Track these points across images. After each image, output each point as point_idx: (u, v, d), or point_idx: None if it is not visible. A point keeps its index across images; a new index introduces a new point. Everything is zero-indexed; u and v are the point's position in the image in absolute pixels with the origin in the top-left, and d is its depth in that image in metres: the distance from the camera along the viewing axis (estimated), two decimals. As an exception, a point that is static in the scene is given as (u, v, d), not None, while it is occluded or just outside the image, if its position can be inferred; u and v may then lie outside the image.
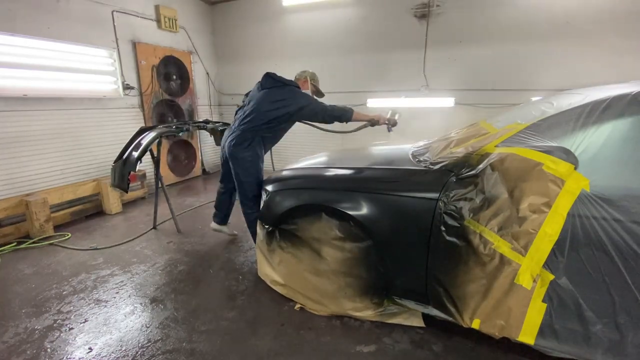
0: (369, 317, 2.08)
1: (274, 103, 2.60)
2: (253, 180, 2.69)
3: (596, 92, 1.78)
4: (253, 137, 2.65)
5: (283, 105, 2.59)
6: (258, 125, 2.63)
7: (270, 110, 2.60)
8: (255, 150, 2.68)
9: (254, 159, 2.68)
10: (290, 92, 2.68)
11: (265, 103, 2.62)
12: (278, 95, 2.63)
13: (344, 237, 2.07)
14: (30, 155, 3.65)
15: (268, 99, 2.63)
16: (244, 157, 2.65)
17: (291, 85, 2.76)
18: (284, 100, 2.60)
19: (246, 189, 2.70)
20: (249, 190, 2.70)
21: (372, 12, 5.02)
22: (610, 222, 1.39)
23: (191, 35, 5.67)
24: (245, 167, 2.65)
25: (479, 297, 1.65)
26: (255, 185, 2.69)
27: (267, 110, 2.60)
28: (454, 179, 1.78)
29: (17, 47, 3.44)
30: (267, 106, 2.61)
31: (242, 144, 2.64)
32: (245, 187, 2.70)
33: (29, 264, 2.93)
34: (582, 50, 4.09)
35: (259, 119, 2.62)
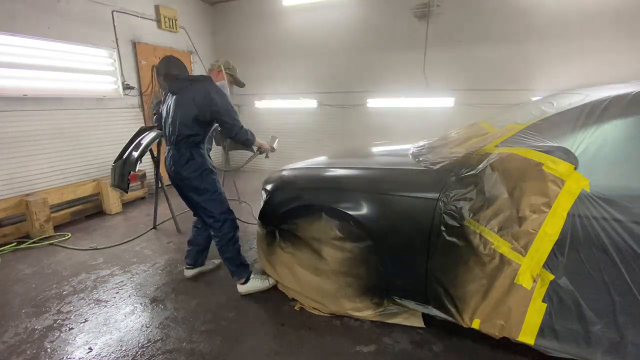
0: (369, 317, 2.08)
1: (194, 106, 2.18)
2: (211, 196, 2.29)
3: (596, 92, 1.78)
4: (189, 149, 2.24)
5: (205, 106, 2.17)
6: (188, 135, 2.21)
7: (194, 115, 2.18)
8: (197, 162, 2.25)
9: (201, 173, 2.26)
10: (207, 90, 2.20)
11: (185, 109, 2.20)
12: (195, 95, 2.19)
13: (344, 237, 2.07)
14: (30, 155, 3.65)
15: (185, 102, 2.20)
16: (188, 175, 2.24)
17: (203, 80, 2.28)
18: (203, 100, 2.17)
19: (207, 209, 2.30)
20: (212, 207, 2.29)
21: (372, 12, 5.02)
22: (610, 222, 1.39)
23: (191, 35, 5.67)
24: (196, 185, 2.26)
25: (479, 297, 1.65)
26: (216, 198, 2.30)
27: (190, 116, 2.18)
28: (454, 179, 1.78)
29: (17, 47, 3.44)
30: (188, 111, 2.18)
31: (181, 162, 2.23)
32: (205, 207, 2.29)
33: (29, 264, 2.93)
34: (582, 50, 4.09)
35: (186, 129, 2.19)
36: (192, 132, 2.20)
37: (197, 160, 2.25)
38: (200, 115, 2.17)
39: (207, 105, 2.15)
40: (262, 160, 2.78)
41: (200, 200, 2.29)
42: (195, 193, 2.28)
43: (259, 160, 2.70)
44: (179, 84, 2.26)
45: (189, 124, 2.19)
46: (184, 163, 2.23)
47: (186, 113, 2.19)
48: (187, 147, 2.23)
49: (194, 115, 2.17)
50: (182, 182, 2.28)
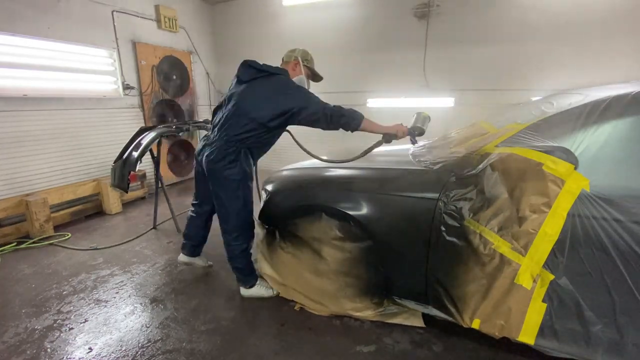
0: (369, 317, 2.08)
1: (260, 102, 2.02)
2: (240, 206, 2.15)
3: (596, 92, 1.78)
4: (238, 149, 2.07)
5: (274, 105, 2.00)
6: (242, 132, 2.04)
7: (257, 112, 2.01)
8: (242, 166, 2.09)
9: (242, 179, 2.11)
10: (282, 86, 2.05)
11: (249, 102, 2.04)
12: (265, 90, 2.04)
13: (344, 237, 2.07)
14: (30, 155, 3.65)
15: (252, 96, 2.05)
16: (228, 176, 2.07)
17: (279, 74, 2.12)
18: (274, 97, 2.01)
19: (230, 216, 2.16)
20: (235, 217, 2.16)
21: (372, 12, 5.02)
22: (610, 222, 1.39)
23: (191, 35, 5.67)
24: (231, 188, 2.10)
25: (479, 297, 1.65)
26: (243, 211, 2.18)
27: (252, 111, 2.02)
28: (454, 179, 1.78)
29: (17, 47, 3.44)
30: (251, 106, 2.03)
31: (225, 159, 2.05)
32: (229, 213, 2.16)
33: (29, 264, 2.93)
34: (582, 50, 4.08)
35: (242, 125, 2.03)
36: (247, 130, 2.01)
37: (242, 164, 2.08)
38: (264, 113, 1.99)
39: (280, 103, 1.96)
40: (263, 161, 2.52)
41: (229, 206, 2.14)
42: (227, 197, 2.12)
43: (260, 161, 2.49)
44: (251, 72, 2.08)
45: (247, 121, 2.00)
46: (229, 162, 2.05)
47: (249, 108, 2.00)
48: (237, 146, 2.05)
49: (257, 111, 1.99)
50: (214, 177, 2.11)
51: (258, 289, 2.35)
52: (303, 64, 2.28)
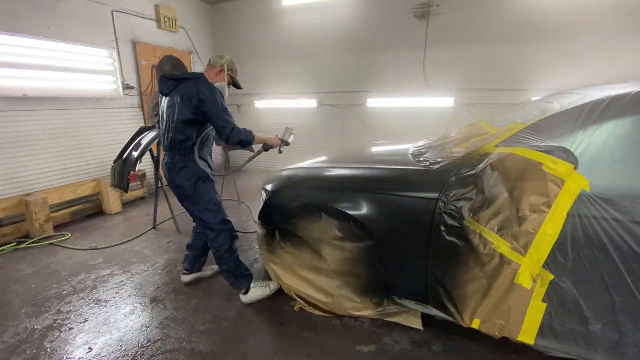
0: (369, 317, 2.08)
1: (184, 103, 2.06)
2: (204, 206, 2.20)
3: (596, 92, 1.78)
4: (182, 156, 2.15)
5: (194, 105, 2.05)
6: (181, 141, 2.12)
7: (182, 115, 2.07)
8: (191, 170, 2.16)
9: (197, 181, 2.17)
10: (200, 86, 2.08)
11: (175, 111, 2.09)
12: (186, 92, 2.07)
13: (344, 237, 2.07)
14: (30, 155, 3.65)
15: (177, 102, 2.09)
16: (181, 184, 2.16)
17: (197, 78, 2.16)
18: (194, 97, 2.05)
19: (201, 218, 2.23)
20: (205, 218, 2.21)
21: (372, 12, 5.02)
22: (610, 222, 1.39)
23: (191, 35, 5.67)
24: (188, 193, 2.17)
25: (479, 297, 1.65)
26: (210, 210, 2.20)
27: (179, 117, 2.08)
28: (454, 179, 1.78)
29: (17, 47, 3.44)
30: (178, 113, 2.08)
31: (174, 171, 2.17)
32: (199, 217, 2.23)
33: (29, 264, 2.93)
34: (582, 50, 4.09)
35: (178, 134, 2.11)
36: (184, 137, 2.11)
37: (190, 169, 2.16)
38: (191, 117, 2.07)
39: (196, 106, 2.05)
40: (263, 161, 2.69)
41: (194, 210, 2.21)
42: (189, 202, 2.21)
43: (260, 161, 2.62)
44: (169, 84, 2.15)
45: (180, 128, 2.09)
46: (178, 171, 2.15)
47: (177, 116, 2.08)
48: (181, 154, 2.15)
49: (184, 118, 2.07)
50: (176, 190, 2.21)
51: (255, 292, 2.32)
52: (228, 72, 2.33)
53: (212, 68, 2.29)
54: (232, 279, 2.31)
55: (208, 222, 2.22)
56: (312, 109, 5.71)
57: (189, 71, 5.56)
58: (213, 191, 2.27)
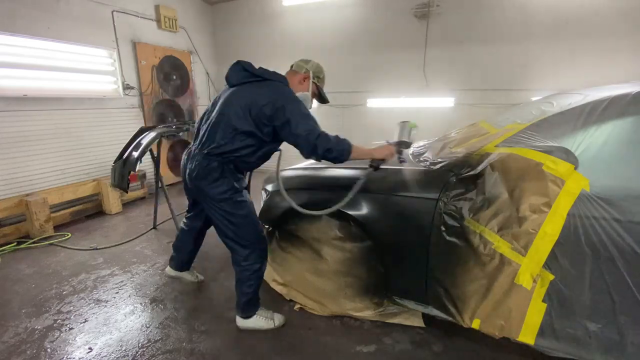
0: (369, 317, 2.08)
1: (249, 109, 1.69)
2: (239, 222, 1.85)
3: (596, 92, 1.78)
4: (221, 164, 1.77)
5: (264, 115, 1.68)
6: (225, 145, 1.73)
7: (242, 123, 1.70)
8: (230, 182, 1.80)
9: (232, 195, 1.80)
10: (276, 93, 1.72)
11: (234, 109, 1.72)
12: (256, 97, 1.70)
13: (344, 237, 2.07)
14: (30, 155, 3.65)
15: (240, 102, 1.72)
16: (214, 195, 1.79)
17: (277, 80, 1.82)
18: (266, 105, 1.67)
19: (231, 235, 1.87)
20: (237, 235, 1.87)
21: (372, 12, 5.02)
22: (610, 222, 1.39)
23: (191, 35, 5.67)
24: (222, 207, 1.82)
25: (479, 297, 1.65)
26: (245, 227, 1.87)
27: (238, 121, 1.70)
28: (454, 179, 1.78)
29: (17, 47, 3.43)
30: (235, 114, 1.70)
31: (208, 177, 1.77)
32: (229, 232, 1.87)
33: (29, 264, 2.93)
34: (582, 50, 4.09)
35: (226, 136, 1.72)
36: (232, 143, 1.71)
37: (230, 180, 1.79)
38: (251, 129, 1.70)
39: (269, 117, 1.66)
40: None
41: (223, 224, 1.85)
42: (216, 213, 1.84)
43: None
44: (242, 75, 1.79)
45: (231, 132, 1.71)
46: (212, 181, 1.76)
47: (233, 116, 1.70)
48: (218, 161, 1.76)
49: (241, 128, 1.70)
50: (202, 196, 1.85)
51: (257, 320, 2.02)
52: (313, 80, 1.96)
53: (294, 74, 1.93)
54: (245, 302, 1.99)
55: (240, 240, 1.87)
56: (312, 109, 5.69)
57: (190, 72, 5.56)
58: (249, 205, 1.91)
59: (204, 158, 1.77)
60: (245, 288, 1.95)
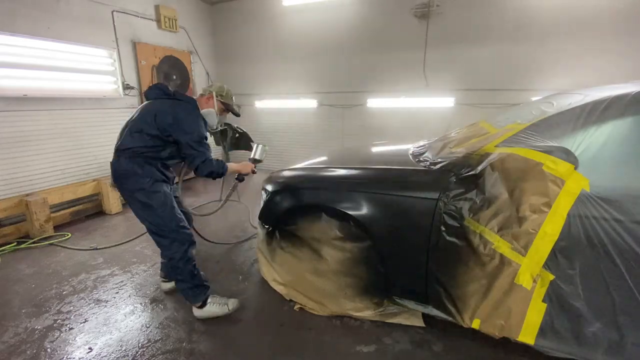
0: (369, 317, 2.08)
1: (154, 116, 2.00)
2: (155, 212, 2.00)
3: (596, 92, 1.78)
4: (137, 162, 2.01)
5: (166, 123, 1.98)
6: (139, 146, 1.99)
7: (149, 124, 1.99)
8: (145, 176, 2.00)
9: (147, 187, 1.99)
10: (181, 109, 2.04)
11: (146, 115, 2.03)
12: (164, 106, 2.04)
13: (344, 237, 2.07)
14: (30, 155, 3.65)
15: (150, 110, 2.04)
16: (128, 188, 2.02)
17: (185, 101, 2.13)
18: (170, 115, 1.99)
19: (152, 224, 2.03)
20: (158, 224, 2.02)
21: (372, 12, 5.02)
22: (610, 222, 1.39)
23: (191, 35, 5.67)
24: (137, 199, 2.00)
25: (479, 297, 1.66)
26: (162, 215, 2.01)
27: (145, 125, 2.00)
28: (454, 179, 1.78)
29: (17, 47, 3.44)
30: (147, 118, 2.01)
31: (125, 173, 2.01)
32: (150, 223, 2.03)
33: (29, 264, 2.93)
34: (582, 50, 4.09)
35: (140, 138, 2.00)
36: (146, 145, 1.99)
37: (146, 175, 2.00)
38: (156, 133, 1.99)
39: (169, 125, 1.97)
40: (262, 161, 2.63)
41: (143, 216, 2.03)
42: (133, 206, 2.03)
43: None
44: (158, 92, 2.12)
45: (145, 137, 1.99)
46: (125, 178, 2.00)
47: (147, 124, 1.99)
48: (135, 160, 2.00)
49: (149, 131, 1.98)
50: (124, 193, 2.05)
51: (210, 307, 2.13)
52: (217, 98, 2.25)
53: (201, 97, 2.25)
54: (186, 290, 2.09)
55: (162, 229, 2.02)
56: (312, 109, 5.71)
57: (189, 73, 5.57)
58: (165, 195, 2.05)
59: (122, 159, 2.02)
60: (179, 275, 2.07)
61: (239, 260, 2.94)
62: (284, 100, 5.92)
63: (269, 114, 6.16)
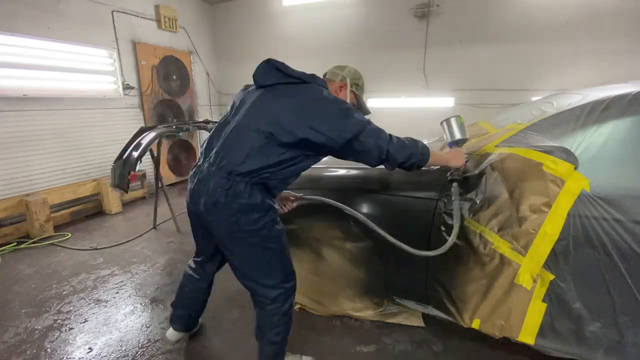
0: (369, 317, 2.08)
1: (293, 116, 1.35)
2: (270, 258, 1.48)
3: (596, 92, 1.78)
4: (250, 184, 1.36)
5: (313, 125, 1.33)
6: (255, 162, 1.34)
7: (287, 132, 1.33)
8: (262, 206, 1.40)
9: (266, 223, 1.42)
10: (328, 103, 1.41)
11: (275, 116, 1.35)
12: (301, 101, 1.39)
13: (344, 237, 2.06)
14: (30, 155, 3.65)
15: (279, 107, 1.37)
16: (243, 226, 1.38)
17: (318, 84, 1.51)
18: (316, 113, 1.36)
19: (258, 273, 1.49)
20: (266, 274, 1.49)
21: (372, 12, 5.02)
22: (610, 222, 1.39)
23: (191, 35, 5.67)
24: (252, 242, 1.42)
25: (479, 297, 1.65)
26: (277, 263, 1.50)
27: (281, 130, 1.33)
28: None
29: (17, 47, 3.44)
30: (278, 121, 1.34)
31: (234, 202, 1.35)
32: (255, 270, 1.49)
33: (29, 264, 2.93)
34: (582, 51, 4.09)
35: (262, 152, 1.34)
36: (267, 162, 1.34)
37: (261, 204, 1.38)
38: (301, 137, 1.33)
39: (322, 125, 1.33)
40: None
41: (250, 261, 1.47)
42: (245, 249, 1.45)
43: None
44: (276, 75, 1.44)
45: (269, 145, 1.34)
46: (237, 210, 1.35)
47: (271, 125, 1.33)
48: (245, 181, 1.35)
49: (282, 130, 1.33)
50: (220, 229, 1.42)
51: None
52: (351, 88, 1.66)
53: (329, 83, 1.65)
54: (272, 355, 1.61)
55: (269, 278, 1.50)
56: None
57: (190, 73, 5.56)
58: (284, 234, 1.54)
59: (224, 178, 1.35)
60: (273, 336, 1.54)
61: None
62: (284, 100, 5.91)
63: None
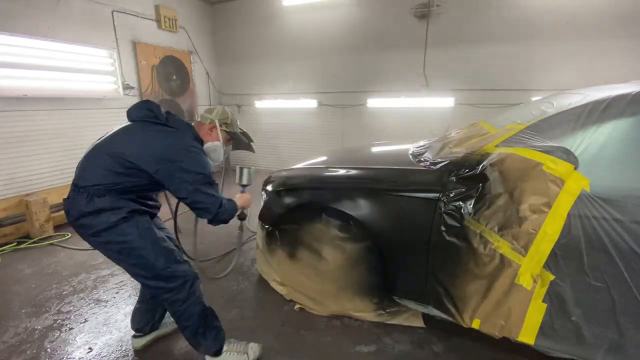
0: (369, 317, 2.08)
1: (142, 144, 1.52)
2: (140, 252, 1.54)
3: (596, 92, 1.78)
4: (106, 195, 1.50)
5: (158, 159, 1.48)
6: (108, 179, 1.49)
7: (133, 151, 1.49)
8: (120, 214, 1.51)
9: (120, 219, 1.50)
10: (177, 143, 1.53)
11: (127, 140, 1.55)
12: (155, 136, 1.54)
13: (344, 237, 2.07)
14: (30, 155, 3.65)
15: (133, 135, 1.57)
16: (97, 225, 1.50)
17: (180, 129, 1.61)
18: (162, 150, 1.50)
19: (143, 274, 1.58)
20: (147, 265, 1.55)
21: (372, 12, 5.02)
22: (610, 222, 1.39)
23: (191, 35, 5.67)
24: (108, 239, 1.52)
25: (479, 297, 1.66)
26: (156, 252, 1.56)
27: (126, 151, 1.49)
28: (454, 179, 1.78)
29: (17, 47, 3.44)
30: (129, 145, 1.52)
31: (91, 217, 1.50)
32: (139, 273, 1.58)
33: (29, 264, 2.93)
34: (582, 51, 4.09)
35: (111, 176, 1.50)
36: (117, 181, 1.50)
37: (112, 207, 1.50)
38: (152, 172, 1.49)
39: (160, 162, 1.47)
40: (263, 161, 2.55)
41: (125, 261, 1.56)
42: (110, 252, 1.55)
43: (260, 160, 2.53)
44: (146, 113, 1.59)
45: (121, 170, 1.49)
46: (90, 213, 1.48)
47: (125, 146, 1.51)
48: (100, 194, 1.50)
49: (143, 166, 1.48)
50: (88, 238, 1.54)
51: (225, 357, 1.71)
52: (221, 127, 1.76)
53: (200, 126, 1.76)
54: (197, 339, 1.67)
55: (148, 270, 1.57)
56: (312, 109, 5.70)
57: (190, 73, 5.56)
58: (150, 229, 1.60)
59: (79, 192, 1.54)
60: (184, 322, 1.63)
61: (239, 260, 2.93)
62: (284, 100, 5.91)
63: (269, 114, 6.16)
